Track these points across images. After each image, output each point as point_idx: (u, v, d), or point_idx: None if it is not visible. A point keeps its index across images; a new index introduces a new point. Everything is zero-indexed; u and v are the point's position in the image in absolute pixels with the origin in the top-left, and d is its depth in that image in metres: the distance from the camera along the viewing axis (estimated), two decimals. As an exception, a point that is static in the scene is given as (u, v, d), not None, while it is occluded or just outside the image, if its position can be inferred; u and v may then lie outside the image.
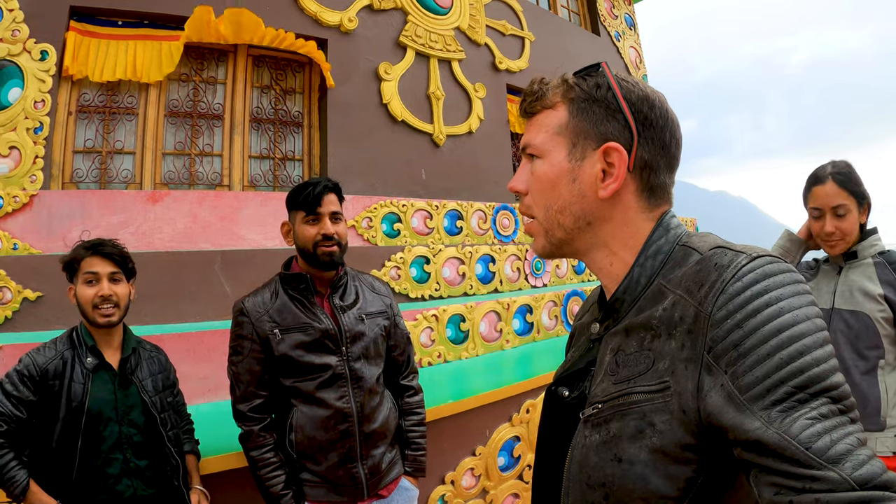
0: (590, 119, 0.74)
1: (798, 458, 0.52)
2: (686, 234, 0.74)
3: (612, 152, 0.72)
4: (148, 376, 1.72)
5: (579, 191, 0.74)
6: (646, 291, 0.71)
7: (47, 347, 1.61)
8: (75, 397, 1.55)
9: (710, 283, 0.62)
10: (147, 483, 1.66)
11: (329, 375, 1.70)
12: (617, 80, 0.74)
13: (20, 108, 3.11)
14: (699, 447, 0.60)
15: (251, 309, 1.71)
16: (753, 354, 0.56)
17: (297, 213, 1.76)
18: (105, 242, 1.67)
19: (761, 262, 0.61)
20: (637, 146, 0.72)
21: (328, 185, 1.76)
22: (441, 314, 3.49)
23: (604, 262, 0.77)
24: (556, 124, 0.76)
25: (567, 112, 0.76)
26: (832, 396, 0.55)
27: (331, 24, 4.19)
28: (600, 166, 0.73)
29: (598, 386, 0.71)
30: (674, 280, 0.68)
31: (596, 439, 0.68)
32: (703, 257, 0.66)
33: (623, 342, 0.71)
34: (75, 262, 1.64)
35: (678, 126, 0.75)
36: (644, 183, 0.74)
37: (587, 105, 0.74)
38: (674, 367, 0.63)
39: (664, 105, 0.74)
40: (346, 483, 1.71)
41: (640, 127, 0.72)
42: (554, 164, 0.76)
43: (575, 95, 0.76)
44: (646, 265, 0.72)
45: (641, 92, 0.74)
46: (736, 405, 0.56)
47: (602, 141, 0.73)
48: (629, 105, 0.72)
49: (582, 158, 0.74)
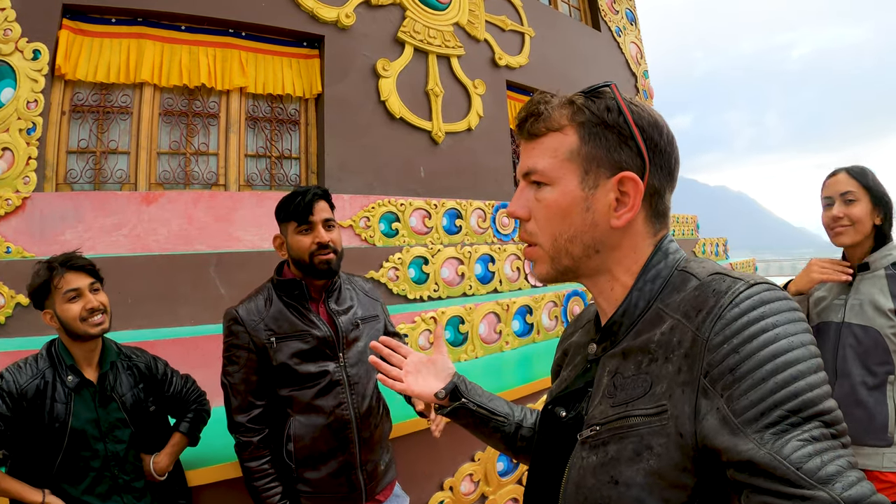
0: (603, 146, 0.71)
1: (788, 478, 0.52)
2: (684, 259, 0.74)
3: (627, 181, 0.71)
4: (128, 390, 1.68)
5: (592, 220, 0.72)
6: (644, 315, 0.71)
7: (28, 365, 1.57)
8: (58, 417, 1.51)
9: (708, 308, 0.63)
10: (139, 497, 1.63)
11: (326, 382, 1.68)
12: (627, 104, 0.72)
13: (12, 108, 3.07)
14: (695, 471, 0.61)
15: (246, 317, 1.67)
16: (749, 379, 0.57)
17: (288, 224, 1.72)
18: (74, 256, 1.62)
19: (758, 289, 0.62)
20: (649, 174, 0.71)
21: (318, 192, 1.72)
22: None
23: (605, 286, 0.77)
24: (567, 150, 0.73)
25: (577, 137, 0.73)
26: (825, 421, 0.55)
27: (328, 20, 4.14)
28: (614, 195, 0.71)
29: (596, 408, 0.72)
30: (672, 305, 0.68)
31: (593, 461, 0.69)
32: (701, 283, 0.67)
33: (621, 365, 0.71)
34: (47, 285, 1.57)
35: (677, 146, 0.75)
36: (653, 209, 0.74)
37: (599, 130, 0.72)
38: (671, 390, 0.64)
39: (668, 129, 0.74)
40: (345, 491, 1.70)
41: (650, 154, 0.71)
42: (566, 192, 0.73)
43: (586, 119, 0.72)
44: (644, 289, 0.72)
45: (650, 117, 0.72)
46: (731, 428, 0.57)
47: (616, 169, 0.71)
48: (640, 131, 0.71)
49: (595, 187, 0.72)
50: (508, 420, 1.02)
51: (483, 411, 1.01)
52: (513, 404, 1.07)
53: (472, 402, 1.01)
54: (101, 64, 3.45)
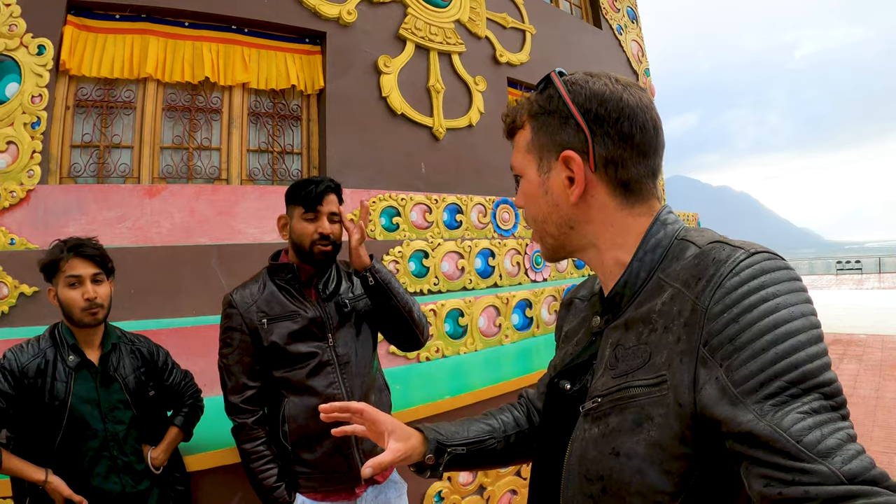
0: (546, 131, 0.77)
1: (788, 451, 0.52)
2: (684, 228, 0.74)
3: (569, 160, 0.74)
4: (130, 372, 1.71)
5: (553, 201, 0.77)
6: (645, 285, 0.72)
7: (30, 345, 1.60)
8: (58, 395, 1.54)
9: (708, 277, 0.63)
10: (138, 479, 1.65)
11: (316, 363, 1.71)
12: (566, 84, 0.75)
13: (17, 102, 3.10)
14: (695, 441, 0.61)
15: (239, 301, 1.72)
16: (748, 349, 0.57)
17: (296, 207, 1.76)
18: (85, 243, 1.64)
19: (759, 258, 0.62)
20: (593, 146, 0.72)
21: (331, 185, 1.77)
22: (439, 309, 3.48)
23: (595, 260, 0.79)
24: (525, 143, 0.80)
25: (530, 129, 0.79)
26: (825, 392, 0.55)
27: (330, 16, 4.17)
28: (565, 174, 0.75)
29: (599, 380, 0.73)
30: (672, 273, 0.68)
31: (595, 433, 0.69)
32: (701, 251, 0.67)
33: (622, 336, 0.72)
34: (55, 264, 1.60)
35: (643, 110, 0.73)
36: (614, 179, 0.74)
37: (544, 118, 0.77)
38: (671, 360, 0.63)
39: (618, 95, 0.73)
40: (343, 470, 1.72)
41: (592, 126, 0.72)
42: (530, 180, 0.80)
43: (535, 111, 0.78)
44: (645, 259, 0.73)
45: (590, 90, 0.73)
46: (730, 398, 0.57)
47: (560, 150, 0.75)
48: (577, 108, 0.73)
49: (549, 170, 0.77)
50: (496, 435, 0.97)
51: (473, 447, 0.94)
52: (488, 417, 1.01)
53: (459, 446, 0.93)
54: (105, 59, 3.48)
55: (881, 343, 8.11)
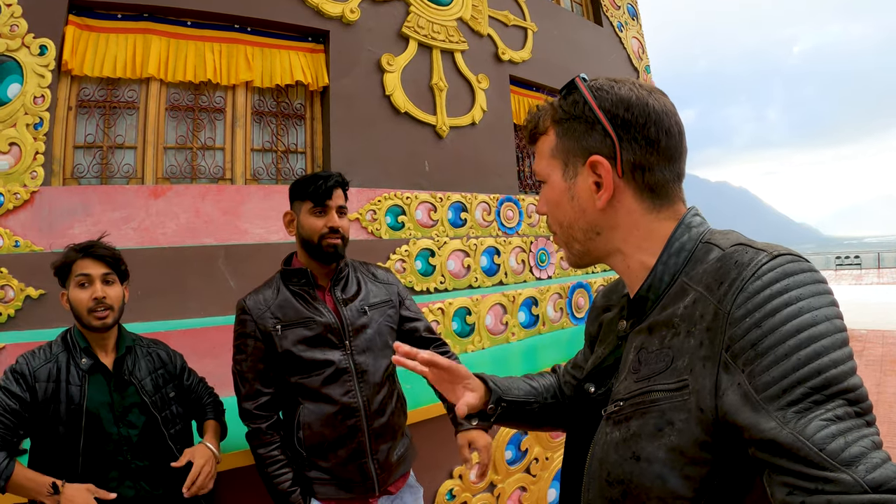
0: (572, 137, 0.77)
1: (812, 459, 0.52)
2: (709, 231, 0.74)
3: (597, 165, 0.74)
4: (147, 375, 1.69)
5: (580, 206, 0.78)
6: (669, 289, 0.71)
7: (42, 350, 1.58)
8: (73, 399, 1.52)
9: (730, 280, 0.62)
10: (153, 484, 1.63)
11: (333, 371, 1.69)
12: (591, 90, 0.75)
13: (20, 103, 3.07)
14: (716, 446, 0.61)
15: (252, 307, 1.70)
16: (771, 354, 0.56)
17: (303, 203, 1.74)
18: (96, 244, 1.63)
19: (782, 260, 0.61)
20: (620, 151, 0.73)
21: (339, 179, 1.77)
22: (447, 307, 3.47)
23: (621, 265, 0.79)
24: (549, 148, 0.81)
25: (555, 135, 0.80)
26: (849, 399, 0.54)
27: (332, 15, 4.14)
28: (592, 180, 0.76)
29: (622, 383, 0.73)
30: (695, 277, 0.68)
31: (616, 436, 0.69)
32: (724, 254, 0.66)
33: (646, 340, 0.71)
34: (67, 266, 1.59)
35: (668, 115, 0.74)
36: (641, 184, 0.74)
37: (570, 124, 0.77)
38: (692, 364, 0.63)
39: (644, 101, 0.73)
40: (357, 479, 1.70)
41: (619, 132, 0.73)
42: (555, 186, 0.81)
43: (559, 117, 0.79)
44: (669, 263, 0.72)
45: (616, 96, 0.74)
46: (752, 404, 0.56)
47: (587, 155, 0.75)
48: (604, 113, 0.73)
49: (575, 176, 0.78)
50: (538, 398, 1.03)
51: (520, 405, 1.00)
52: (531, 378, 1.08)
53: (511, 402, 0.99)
54: (108, 59, 3.46)
55: (881, 338, 8.13)
